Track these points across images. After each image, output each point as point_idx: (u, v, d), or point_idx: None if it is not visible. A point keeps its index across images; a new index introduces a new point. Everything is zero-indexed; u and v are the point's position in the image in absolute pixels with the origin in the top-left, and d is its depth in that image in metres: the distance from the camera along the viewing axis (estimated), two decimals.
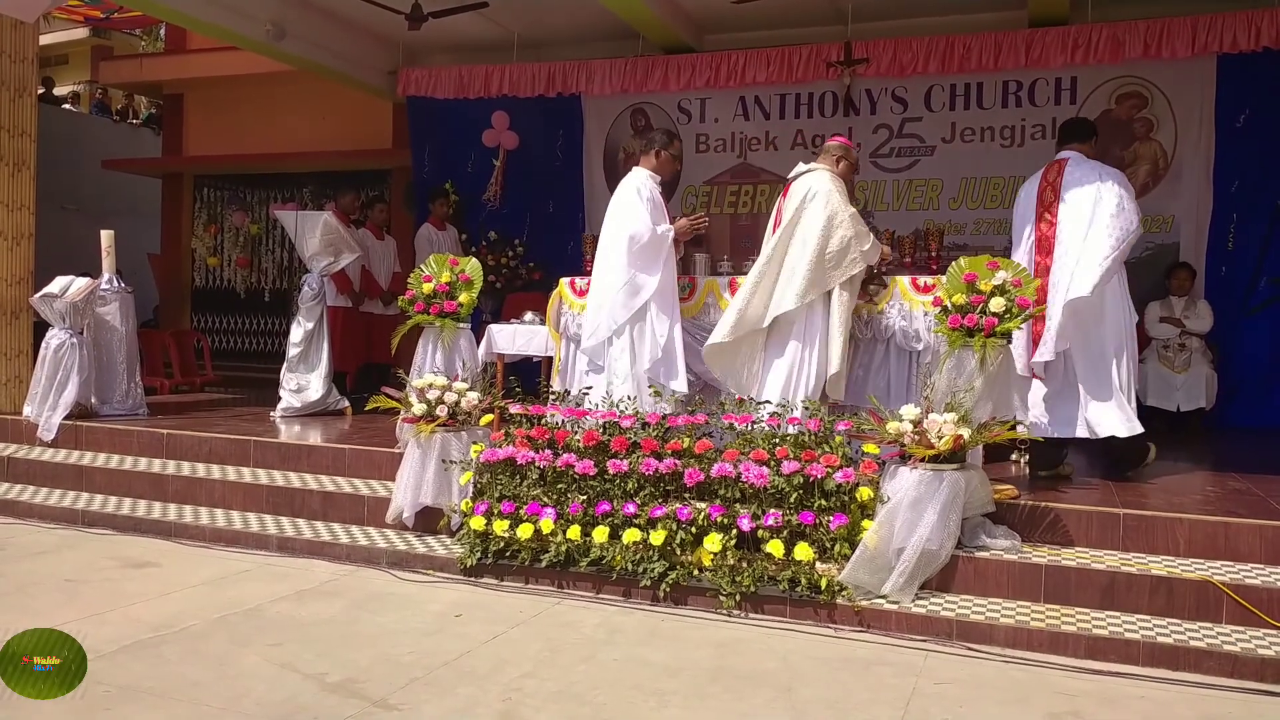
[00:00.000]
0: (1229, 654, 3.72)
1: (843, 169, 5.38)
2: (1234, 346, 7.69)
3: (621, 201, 5.68)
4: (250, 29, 8.50)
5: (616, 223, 5.63)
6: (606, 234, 5.70)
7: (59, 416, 6.98)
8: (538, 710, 3.34)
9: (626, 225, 5.54)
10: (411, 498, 5.30)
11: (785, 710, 3.38)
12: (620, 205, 5.67)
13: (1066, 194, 5.17)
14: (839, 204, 5.19)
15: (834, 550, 4.34)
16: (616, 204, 5.71)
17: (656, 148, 5.80)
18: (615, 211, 5.69)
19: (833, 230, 5.11)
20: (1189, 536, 4.39)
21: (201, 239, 12.71)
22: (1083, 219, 5.06)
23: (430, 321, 5.91)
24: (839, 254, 5.13)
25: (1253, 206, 7.65)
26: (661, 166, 5.81)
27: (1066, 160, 5.29)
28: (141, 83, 13.43)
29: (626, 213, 5.59)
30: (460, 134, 9.67)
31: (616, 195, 5.75)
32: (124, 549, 5.39)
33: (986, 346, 4.55)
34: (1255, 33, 7.11)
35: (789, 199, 5.36)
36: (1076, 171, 5.20)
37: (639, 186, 5.66)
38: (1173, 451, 6.11)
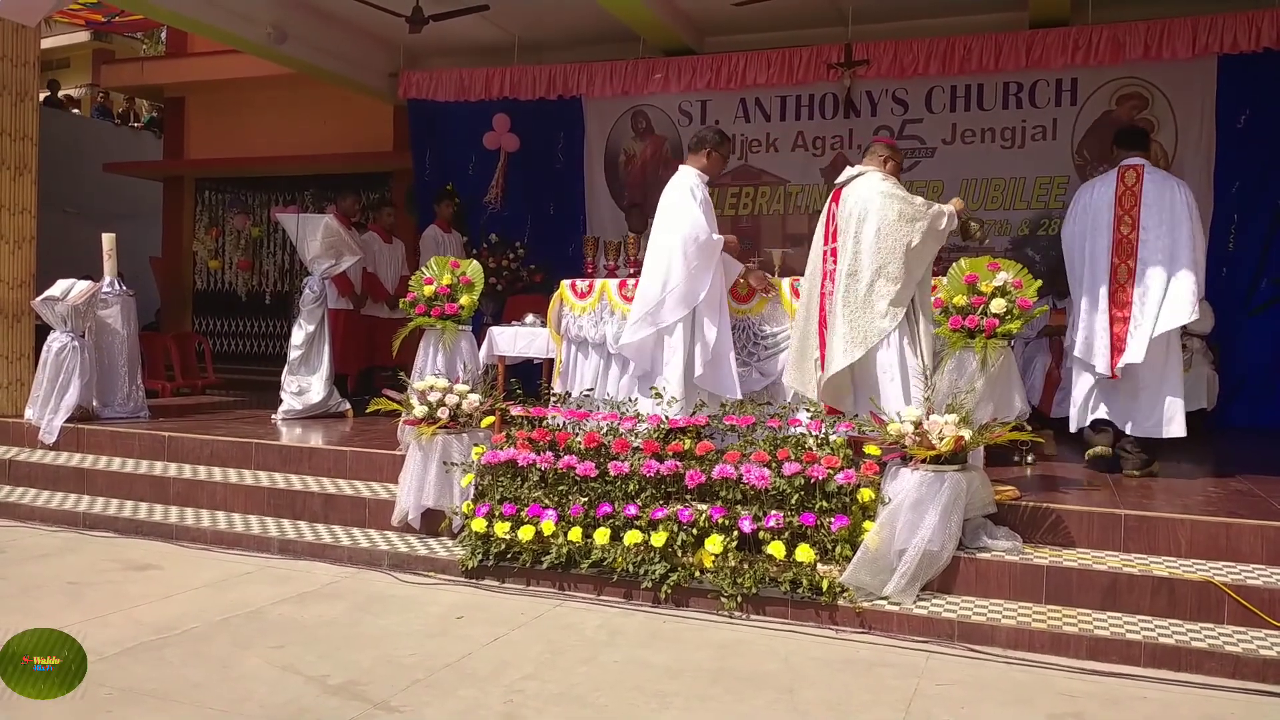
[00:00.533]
0: (1231, 655, 3.71)
1: (890, 169, 5.17)
2: (1235, 347, 7.68)
3: (673, 202, 5.47)
4: (251, 32, 8.52)
5: (669, 223, 5.42)
6: (659, 235, 5.47)
7: (60, 419, 6.99)
8: (539, 712, 3.34)
9: (680, 227, 5.33)
10: (414, 500, 5.30)
11: (787, 712, 3.38)
12: (673, 206, 5.46)
13: (1147, 199, 5.34)
14: (903, 197, 4.94)
15: (835, 552, 4.34)
16: (669, 204, 5.50)
17: (708, 147, 5.56)
18: (667, 212, 5.48)
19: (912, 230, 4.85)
20: (1190, 537, 4.38)
21: (203, 242, 12.73)
22: (1165, 228, 5.28)
23: (431, 324, 5.92)
24: (921, 248, 4.87)
25: (1253, 207, 7.65)
26: (712, 166, 5.59)
27: (1142, 166, 5.44)
28: (143, 86, 13.46)
29: (680, 213, 5.38)
30: (461, 136, 9.69)
31: (668, 195, 5.54)
32: (126, 551, 5.40)
33: (987, 348, 4.55)
34: (1256, 33, 7.11)
35: (843, 206, 5.06)
36: (1154, 178, 5.42)
37: (692, 187, 5.46)
38: (1174, 452, 6.10)
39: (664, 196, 5.57)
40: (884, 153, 5.20)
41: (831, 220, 5.11)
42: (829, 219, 5.14)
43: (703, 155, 5.57)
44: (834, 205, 5.13)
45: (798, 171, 8.98)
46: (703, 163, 5.56)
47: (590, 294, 6.11)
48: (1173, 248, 5.25)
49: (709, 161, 5.57)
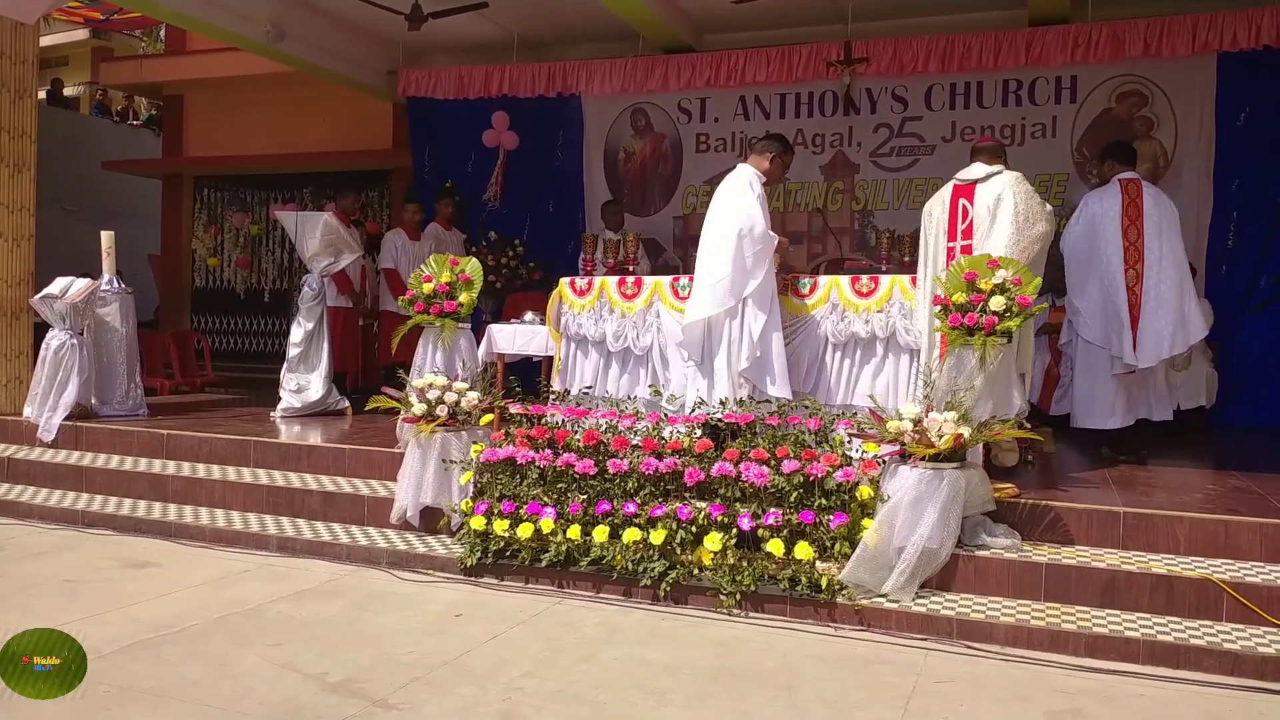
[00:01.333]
0: (1229, 652, 3.71)
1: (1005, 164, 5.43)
2: (1235, 345, 7.67)
3: (735, 192, 5.43)
4: (250, 30, 8.51)
5: (728, 212, 5.37)
6: (714, 224, 5.43)
7: (59, 417, 6.99)
8: (538, 710, 3.34)
9: (739, 218, 5.29)
10: (413, 497, 5.30)
11: (786, 709, 3.38)
12: (733, 197, 5.42)
13: (1148, 210, 5.79)
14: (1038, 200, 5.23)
15: (834, 549, 4.34)
16: (729, 195, 5.45)
17: (773, 153, 5.58)
18: (726, 202, 5.44)
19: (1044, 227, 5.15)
20: (1189, 535, 4.38)
21: (202, 240, 12.73)
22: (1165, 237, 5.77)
23: (430, 321, 5.91)
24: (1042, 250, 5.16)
25: (1253, 205, 7.64)
26: (773, 171, 5.60)
27: (1140, 181, 5.93)
28: (141, 84, 13.45)
29: (740, 205, 5.34)
30: (460, 134, 9.67)
31: (729, 186, 5.49)
32: (124, 549, 5.40)
33: (986, 345, 4.54)
34: (1255, 31, 7.11)
35: (978, 204, 5.15)
36: (1150, 191, 5.89)
37: (751, 181, 5.43)
38: (1173, 450, 6.11)
39: (725, 187, 5.54)
40: (1001, 152, 5.46)
41: (961, 218, 5.19)
42: (960, 216, 5.21)
43: (766, 158, 5.57)
44: (968, 202, 5.20)
45: (797, 169, 8.89)
46: (764, 165, 5.56)
47: (589, 292, 6.11)
48: (1173, 254, 5.75)
49: (770, 166, 5.58)
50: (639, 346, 5.93)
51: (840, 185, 8.85)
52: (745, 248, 5.26)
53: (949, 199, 5.26)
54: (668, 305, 5.88)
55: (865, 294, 5.54)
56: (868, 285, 5.54)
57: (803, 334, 5.55)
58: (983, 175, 5.22)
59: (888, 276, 5.54)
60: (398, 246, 8.60)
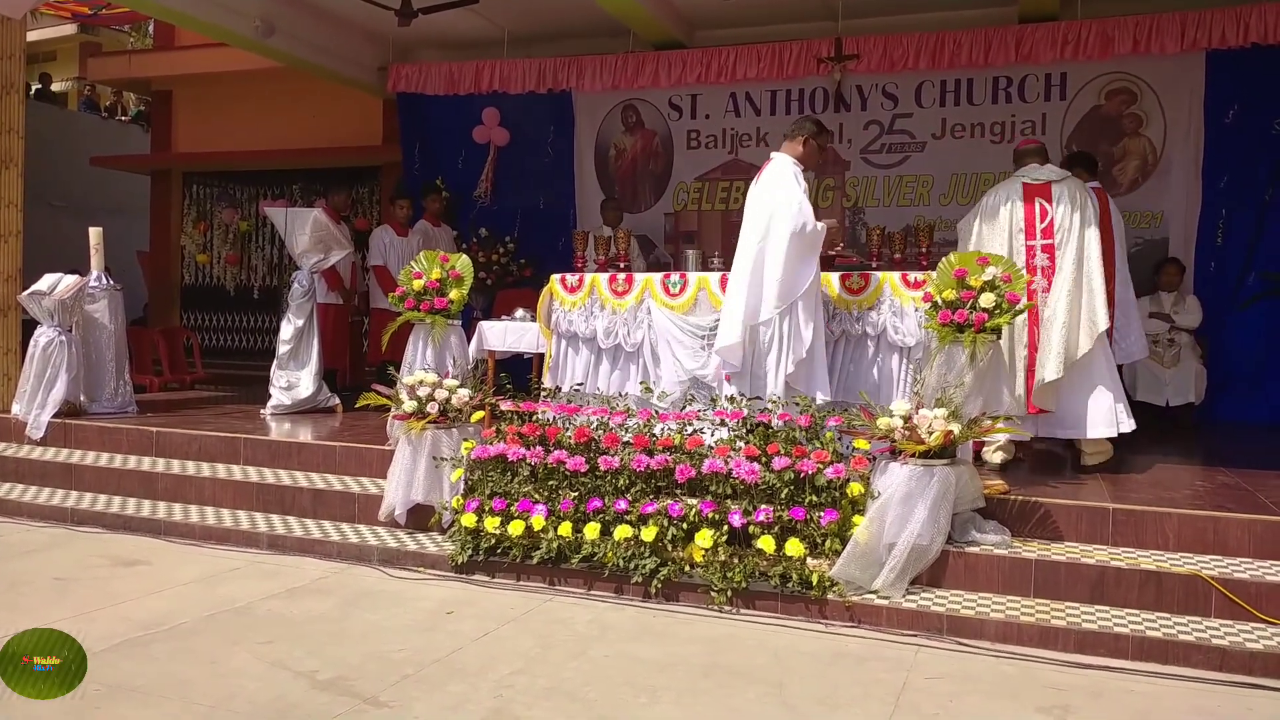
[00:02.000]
0: (1218, 648, 3.73)
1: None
2: (1223, 341, 7.70)
3: (778, 186, 5.20)
4: (238, 25, 8.46)
5: (774, 210, 5.16)
6: (759, 222, 5.21)
7: (48, 414, 6.96)
8: (529, 707, 3.34)
9: (788, 217, 5.09)
10: (403, 495, 5.29)
11: (776, 706, 3.39)
12: (778, 190, 5.19)
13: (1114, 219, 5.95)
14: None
15: (825, 546, 4.35)
16: (773, 190, 5.22)
17: (805, 135, 5.36)
18: (769, 198, 5.22)
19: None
20: (1178, 531, 4.40)
21: (191, 236, 12.68)
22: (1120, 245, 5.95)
23: (421, 318, 5.90)
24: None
25: (1241, 201, 7.67)
26: (808, 155, 5.39)
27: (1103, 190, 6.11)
28: (130, 79, 13.36)
29: (787, 200, 5.13)
30: (451, 130, 9.65)
31: (772, 180, 5.26)
32: (114, 547, 5.38)
33: (976, 342, 4.55)
34: (1244, 28, 7.13)
35: (1056, 205, 5.27)
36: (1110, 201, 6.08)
37: (795, 173, 5.23)
38: (1162, 446, 6.14)
39: (765, 181, 5.33)
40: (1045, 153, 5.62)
41: (1040, 219, 5.28)
42: (1038, 218, 5.29)
43: (799, 142, 5.38)
44: (1047, 204, 5.30)
45: None
46: (799, 150, 5.37)
47: (580, 288, 6.11)
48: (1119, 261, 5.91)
49: (805, 150, 5.38)
50: (630, 343, 5.94)
51: (831, 182, 8.85)
52: (796, 249, 5.09)
53: (1021, 199, 5.34)
54: (659, 302, 5.89)
55: (856, 291, 5.56)
56: (858, 282, 5.56)
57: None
58: (1057, 177, 5.39)
59: (878, 273, 5.56)
60: (386, 243, 8.58)
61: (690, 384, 5.74)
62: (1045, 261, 5.30)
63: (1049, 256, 5.28)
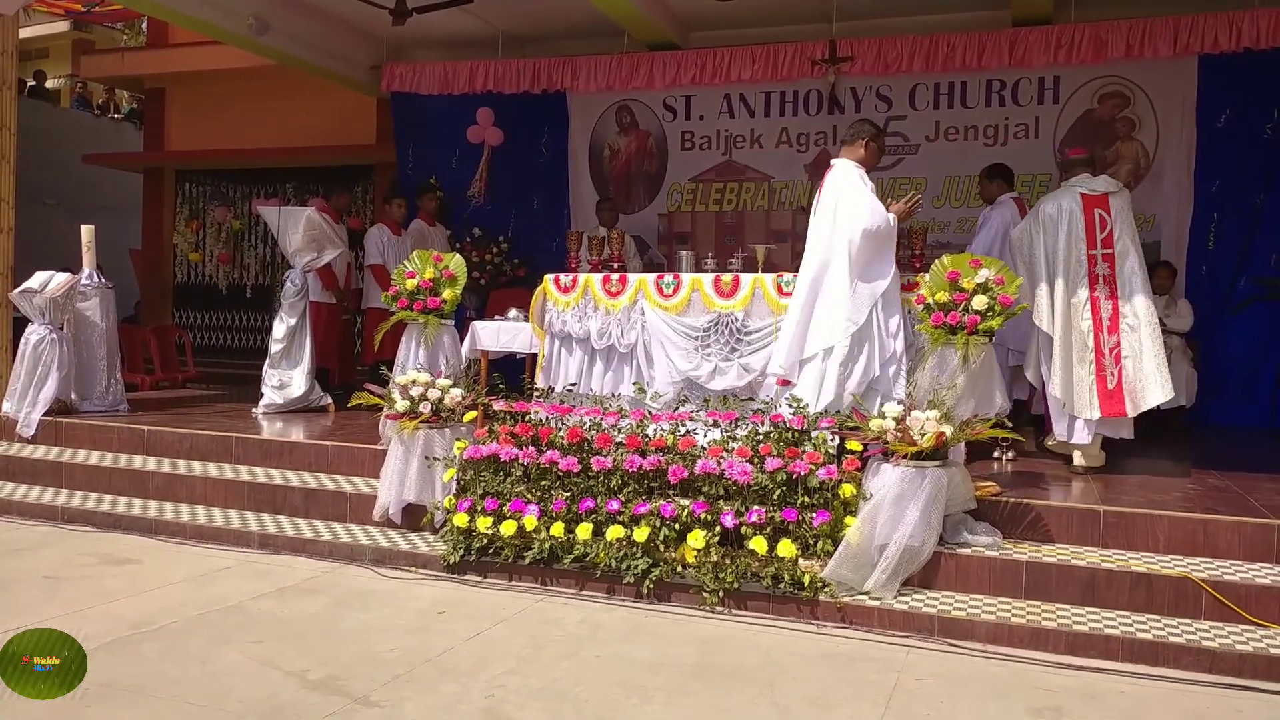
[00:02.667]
0: (1207, 650, 3.75)
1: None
2: (1215, 345, 7.73)
3: (846, 186, 5.18)
4: (232, 23, 8.44)
5: (843, 213, 5.12)
6: (826, 227, 5.19)
7: (38, 413, 6.93)
8: (520, 707, 3.34)
9: (860, 216, 5.05)
10: (395, 495, 5.28)
11: (768, 706, 3.39)
12: (845, 192, 5.16)
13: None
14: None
15: (817, 547, 4.35)
16: (840, 192, 5.19)
17: (865, 138, 5.37)
18: (839, 202, 5.17)
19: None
20: (1169, 533, 4.42)
21: (183, 234, 12.63)
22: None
23: (414, 318, 5.90)
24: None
25: (1233, 206, 7.70)
26: (869, 158, 5.40)
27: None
28: (123, 77, 13.31)
29: (857, 201, 5.10)
30: (444, 130, 9.64)
31: (836, 184, 5.25)
32: (104, 546, 5.36)
33: (969, 344, 4.57)
34: (1236, 33, 7.15)
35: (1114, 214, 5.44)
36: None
37: (861, 175, 5.22)
38: (1152, 449, 6.15)
39: (830, 186, 5.31)
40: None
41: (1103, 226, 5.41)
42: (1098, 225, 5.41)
43: (859, 146, 5.39)
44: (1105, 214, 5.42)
45: (782, 167, 8.97)
46: (860, 154, 5.38)
47: (574, 289, 6.11)
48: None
49: (866, 153, 5.39)
50: (623, 344, 5.94)
51: None
52: (871, 246, 5.10)
53: (1080, 209, 5.44)
54: (652, 303, 5.89)
55: None
56: None
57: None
58: (1114, 189, 5.53)
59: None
60: (384, 242, 8.56)
61: (683, 385, 5.74)
62: (1106, 270, 5.39)
63: (1109, 265, 5.38)
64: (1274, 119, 7.54)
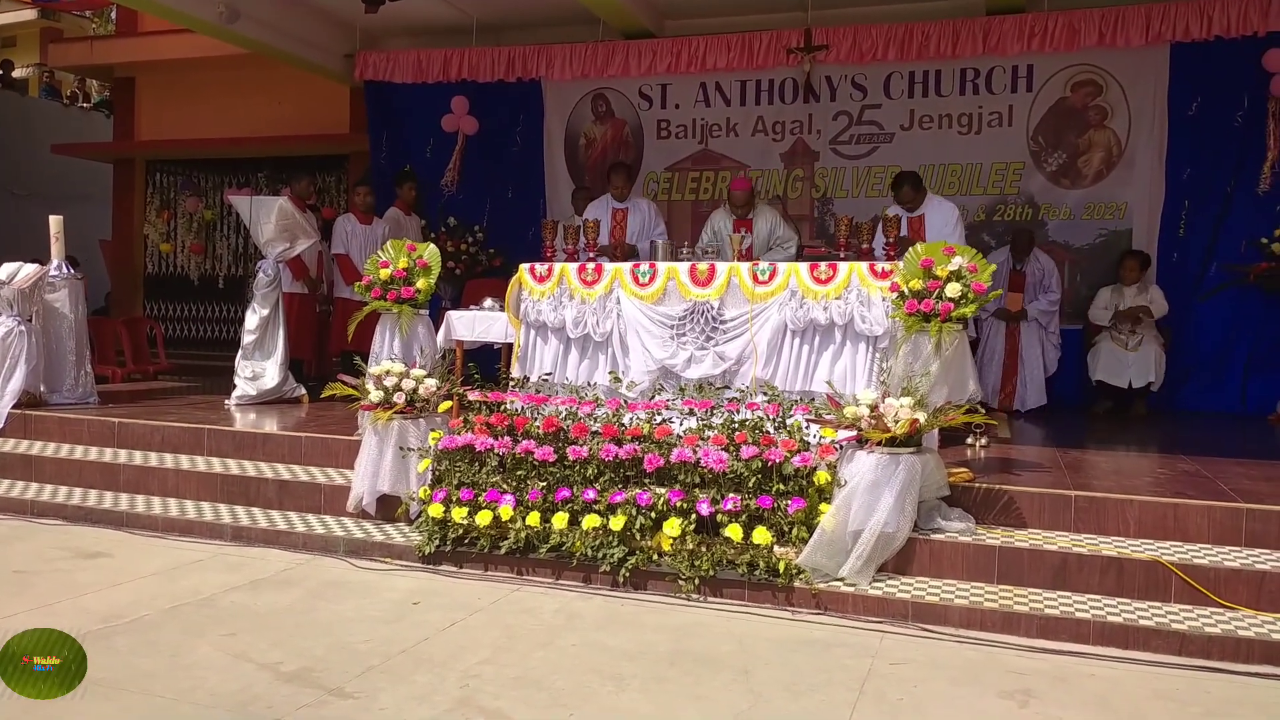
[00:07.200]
0: (1177, 632, 3.79)
1: None
2: (1186, 331, 7.81)
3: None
4: (203, 11, 8.34)
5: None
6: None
7: (7, 406, 6.84)
8: (496, 696, 3.33)
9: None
10: (369, 485, 5.25)
11: (742, 692, 3.40)
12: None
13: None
14: None
15: (792, 534, 4.36)
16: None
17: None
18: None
19: None
20: (1139, 517, 4.46)
21: (154, 225, 12.50)
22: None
23: (388, 308, 5.86)
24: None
25: (1204, 193, 7.76)
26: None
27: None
28: (92, 66, 13.13)
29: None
30: (419, 119, 9.57)
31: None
32: (74, 539, 5.30)
33: (942, 331, 4.59)
34: (1207, 22, 7.22)
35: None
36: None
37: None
38: (1124, 434, 6.22)
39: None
40: None
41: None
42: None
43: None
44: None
45: (757, 156, 8.97)
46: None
47: (549, 278, 6.08)
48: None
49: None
50: (599, 333, 5.92)
51: (800, 173, 8.87)
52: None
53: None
54: (628, 292, 5.87)
55: (824, 281, 5.55)
56: (826, 272, 5.55)
57: (761, 320, 5.55)
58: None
59: (846, 264, 5.56)
60: (348, 231, 8.49)
61: (659, 373, 5.73)
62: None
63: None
64: (1244, 107, 7.59)
